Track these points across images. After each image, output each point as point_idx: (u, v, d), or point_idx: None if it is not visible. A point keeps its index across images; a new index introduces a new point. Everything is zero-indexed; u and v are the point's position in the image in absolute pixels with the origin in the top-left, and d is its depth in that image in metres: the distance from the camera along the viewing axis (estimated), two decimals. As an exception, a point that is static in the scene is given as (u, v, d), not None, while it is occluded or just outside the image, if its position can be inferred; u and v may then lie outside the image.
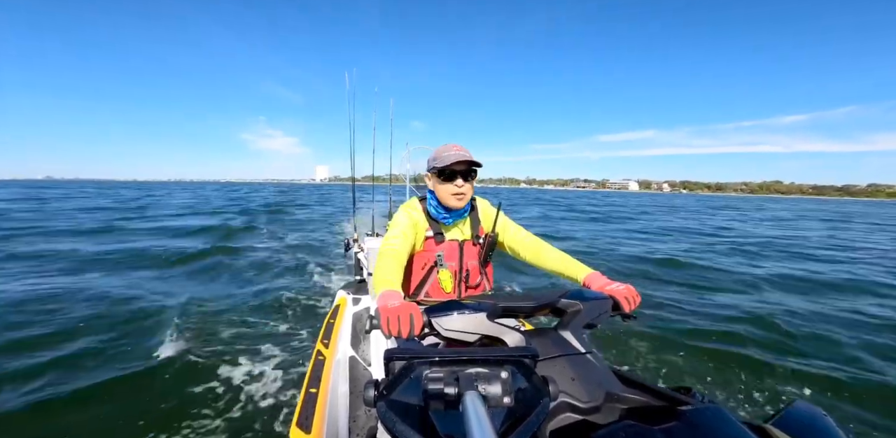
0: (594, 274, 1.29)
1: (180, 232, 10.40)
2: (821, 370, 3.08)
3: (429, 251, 1.49)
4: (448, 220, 1.48)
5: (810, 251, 9.55)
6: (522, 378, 0.64)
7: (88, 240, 8.76)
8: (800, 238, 12.52)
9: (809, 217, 24.80)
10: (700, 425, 0.60)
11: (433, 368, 0.63)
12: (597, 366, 0.84)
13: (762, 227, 16.10)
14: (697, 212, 25.11)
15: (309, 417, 1.42)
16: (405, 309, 0.91)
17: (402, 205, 1.56)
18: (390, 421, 0.57)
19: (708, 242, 10.78)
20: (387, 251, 1.29)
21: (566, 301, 1.02)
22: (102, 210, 17.35)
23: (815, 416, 0.70)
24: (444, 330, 0.91)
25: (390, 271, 1.20)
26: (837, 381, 2.92)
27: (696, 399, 0.74)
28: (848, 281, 6.27)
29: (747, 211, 30.39)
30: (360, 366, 2.01)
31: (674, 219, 19.82)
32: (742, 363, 3.16)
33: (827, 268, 7.32)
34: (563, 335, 0.93)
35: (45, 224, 11.53)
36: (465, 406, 0.50)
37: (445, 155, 1.38)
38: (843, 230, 16.16)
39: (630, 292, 1.14)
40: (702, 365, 3.16)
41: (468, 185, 1.41)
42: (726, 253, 8.73)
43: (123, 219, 13.27)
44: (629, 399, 0.76)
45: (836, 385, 2.88)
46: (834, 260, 8.31)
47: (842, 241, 11.93)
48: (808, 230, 15.53)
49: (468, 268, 1.51)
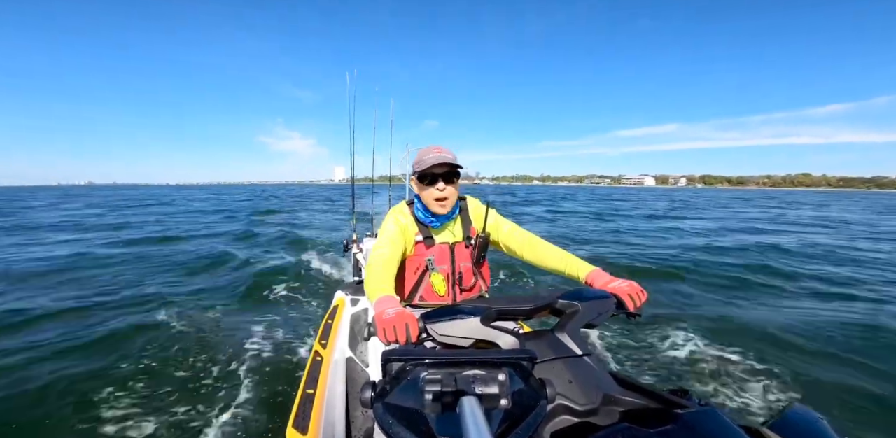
0: (596, 271, 1.25)
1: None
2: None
3: (419, 255, 1.46)
4: (436, 224, 1.45)
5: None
6: (520, 380, 0.64)
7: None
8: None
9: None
10: (697, 428, 0.60)
11: (430, 370, 0.63)
12: (594, 369, 0.84)
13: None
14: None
15: (305, 418, 1.42)
16: (401, 319, 0.90)
17: (390, 210, 1.53)
18: (387, 423, 0.57)
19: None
20: (376, 260, 1.27)
21: (564, 301, 1.01)
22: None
23: (812, 420, 0.70)
24: (439, 336, 0.91)
25: (381, 278, 1.18)
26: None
27: (693, 402, 0.74)
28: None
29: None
30: (357, 367, 2.00)
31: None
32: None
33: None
34: (559, 337, 0.93)
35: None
36: (462, 409, 0.50)
37: (426, 158, 1.35)
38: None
39: (634, 289, 1.10)
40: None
41: (450, 188, 1.37)
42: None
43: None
44: (626, 401, 0.76)
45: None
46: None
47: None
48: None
49: (461, 271, 1.49)
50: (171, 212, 18.81)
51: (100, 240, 9.42)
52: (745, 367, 3.12)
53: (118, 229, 11.96)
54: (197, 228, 12.25)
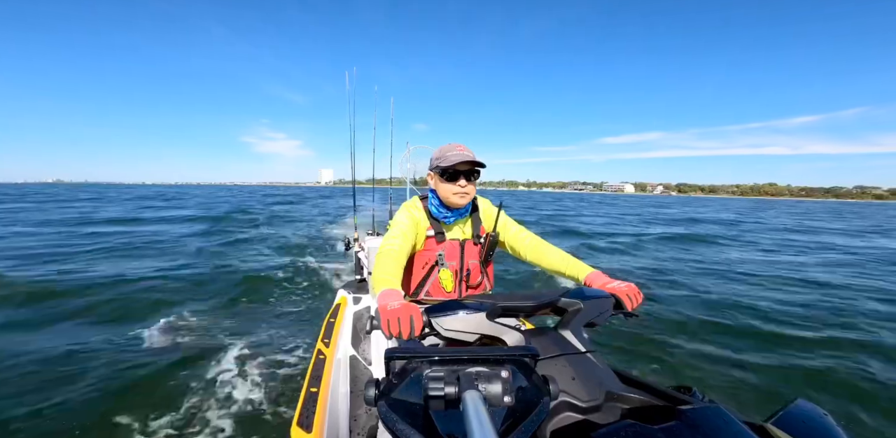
0: (595, 272, 1.30)
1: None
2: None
3: (430, 250, 1.48)
4: (449, 219, 1.47)
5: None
6: (523, 377, 0.64)
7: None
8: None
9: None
10: (700, 424, 0.60)
11: (434, 367, 0.63)
12: (597, 365, 0.84)
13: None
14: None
15: (309, 416, 1.42)
16: (405, 311, 0.90)
17: (404, 203, 1.55)
18: (391, 421, 0.57)
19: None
20: (386, 251, 1.28)
21: (567, 300, 1.02)
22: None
23: (816, 415, 0.70)
24: (444, 330, 0.91)
25: (389, 270, 1.19)
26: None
27: (697, 399, 0.74)
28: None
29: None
30: (360, 365, 2.01)
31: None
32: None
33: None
34: (563, 334, 0.93)
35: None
36: (465, 406, 0.50)
37: (450, 154, 1.37)
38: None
39: (632, 290, 1.13)
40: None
41: (471, 186, 1.41)
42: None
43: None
44: (629, 398, 0.76)
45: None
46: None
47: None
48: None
49: (469, 268, 1.51)
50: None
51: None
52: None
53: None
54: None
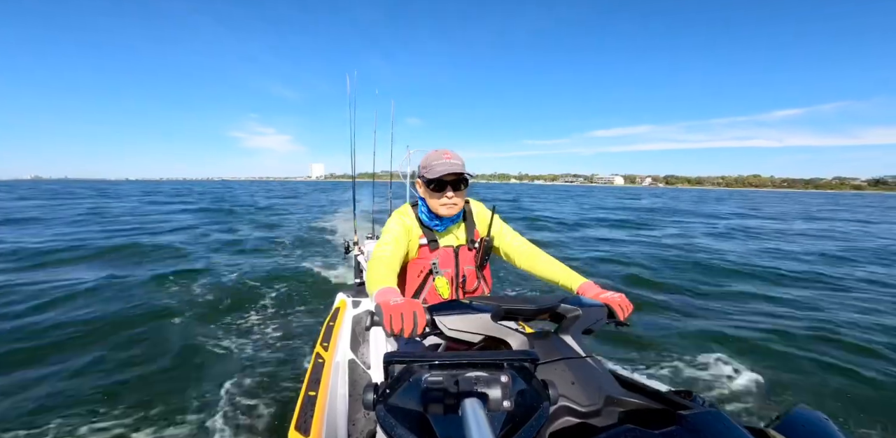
0: (587, 283, 1.32)
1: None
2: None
3: (423, 258, 1.47)
4: (440, 227, 1.46)
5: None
6: (522, 381, 0.64)
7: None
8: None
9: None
10: (700, 429, 0.60)
11: (433, 372, 0.62)
12: (597, 370, 0.84)
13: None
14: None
15: (308, 420, 1.41)
16: (409, 307, 0.89)
17: (395, 211, 1.54)
18: (389, 425, 0.56)
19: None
20: (379, 257, 1.28)
21: (566, 306, 1.03)
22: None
23: (817, 421, 0.70)
24: (448, 330, 0.91)
25: (383, 274, 1.18)
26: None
27: (697, 403, 0.74)
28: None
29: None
30: (359, 369, 2.00)
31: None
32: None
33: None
34: (563, 339, 0.93)
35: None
36: (464, 411, 0.50)
37: (435, 163, 1.35)
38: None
39: (623, 301, 1.17)
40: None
41: (458, 196, 1.39)
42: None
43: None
44: (629, 402, 0.76)
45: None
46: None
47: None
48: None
49: (465, 274, 1.50)
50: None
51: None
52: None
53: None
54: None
